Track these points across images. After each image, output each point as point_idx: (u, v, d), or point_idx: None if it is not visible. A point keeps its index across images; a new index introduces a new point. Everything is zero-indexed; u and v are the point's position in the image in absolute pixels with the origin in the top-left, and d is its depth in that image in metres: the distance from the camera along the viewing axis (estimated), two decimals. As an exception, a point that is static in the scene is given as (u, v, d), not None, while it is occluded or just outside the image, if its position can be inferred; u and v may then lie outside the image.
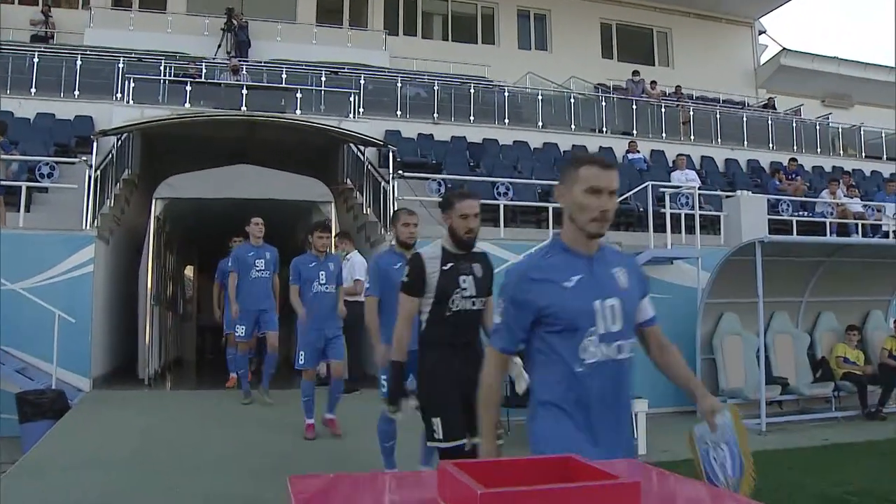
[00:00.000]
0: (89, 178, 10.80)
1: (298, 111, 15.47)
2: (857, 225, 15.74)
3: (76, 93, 15.84)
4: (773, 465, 8.18)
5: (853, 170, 20.03)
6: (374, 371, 11.49)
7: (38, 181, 11.75)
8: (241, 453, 6.95)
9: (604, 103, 19.84)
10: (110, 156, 12.31)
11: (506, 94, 18.68)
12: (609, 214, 2.85)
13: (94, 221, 10.77)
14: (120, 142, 13.01)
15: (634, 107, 19.95)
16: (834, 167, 20.51)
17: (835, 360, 12.11)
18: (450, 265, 4.45)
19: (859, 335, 12.33)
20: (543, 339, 2.82)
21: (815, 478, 7.46)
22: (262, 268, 9.23)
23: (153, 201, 10.90)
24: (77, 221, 10.70)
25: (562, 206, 2.92)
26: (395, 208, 11.61)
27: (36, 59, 15.93)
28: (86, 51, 17.34)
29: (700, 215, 12.96)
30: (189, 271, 19.24)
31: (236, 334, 9.43)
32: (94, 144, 11.26)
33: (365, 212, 13.23)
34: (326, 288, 7.68)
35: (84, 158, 11.33)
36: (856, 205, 16.22)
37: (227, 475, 6.19)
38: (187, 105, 15.17)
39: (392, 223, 6.05)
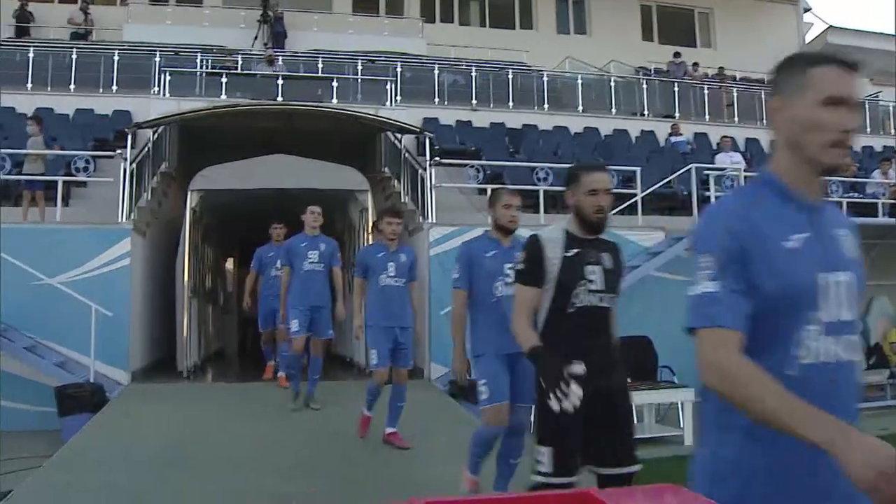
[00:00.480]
0: (124, 171, 10.75)
1: (335, 100, 15.34)
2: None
3: (114, 88, 15.88)
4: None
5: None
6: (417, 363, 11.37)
7: (74, 175, 11.74)
8: (275, 449, 6.82)
9: (645, 86, 19.41)
10: (147, 149, 12.28)
11: (545, 79, 18.38)
12: (851, 141, 1.94)
13: (130, 215, 10.74)
14: (156, 135, 12.98)
15: (676, 89, 19.51)
16: (885, 147, 19.85)
17: (889, 347, 11.72)
18: (574, 251, 3.69)
19: (915, 320, 11.89)
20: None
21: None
22: (317, 260, 8.22)
23: (188, 193, 10.84)
24: (114, 215, 10.68)
25: (776, 129, 2.00)
26: (433, 196, 11.47)
27: (74, 56, 16.02)
28: (123, 46, 17.40)
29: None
30: (230, 264, 19.23)
31: (291, 330, 8.20)
32: (130, 138, 11.20)
33: (403, 200, 13.05)
34: (396, 281, 6.86)
35: (119, 152, 11.30)
36: (909, 185, 15.62)
37: (258, 472, 6.06)
38: (223, 97, 15.11)
39: (490, 204, 5.22)
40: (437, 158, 12.17)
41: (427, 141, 12.08)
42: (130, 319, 10.22)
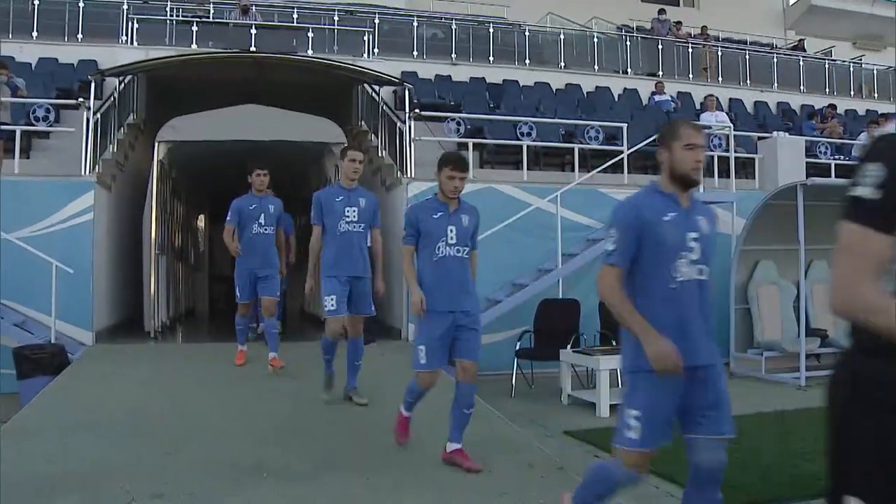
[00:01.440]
0: (88, 121, 10.21)
1: (310, 52, 14.81)
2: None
3: (79, 36, 15.20)
4: (820, 425, 7.60)
5: (887, 113, 19.15)
6: (393, 322, 11.03)
7: (34, 125, 11.18)
8: (247, 415, 6.46)
9: (628, 43, 19.00)
10: (112, 99, 11.71)
11: (526, 34, 17.92)
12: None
13: (94, 167, 10.22)
14: (123, 85, 12.39)
15: (660, 47, 19.11)
16: (868, 110, 19.69)
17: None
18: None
19: (903, 285, 11.66)
20: None
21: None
22: (356, 219, 6.62)
23: (156, 145, 10.31)
24: (77, 168, 10.16)
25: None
26: (412, 150, 11.06)
27: (37, 2, 15.25)
28: (89, -9, 16.65)
29: (729, 159, 12.25)
30: (201, 221, 18.70)
31: (326, 308, 6.61)
32: (93, 86, 10.63)
33: (380, 155, 12.62)
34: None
35: (83, 100, 10.74)
36: (896, 148, 15.37)
37: (231, 439, 5.70)
38: (194, 47, 14.55)
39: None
40: (416, 111, 11.73)
41: (406, 93, 11.61)
42: (94, 277, 9.77)
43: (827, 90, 20.22)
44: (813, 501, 5.24)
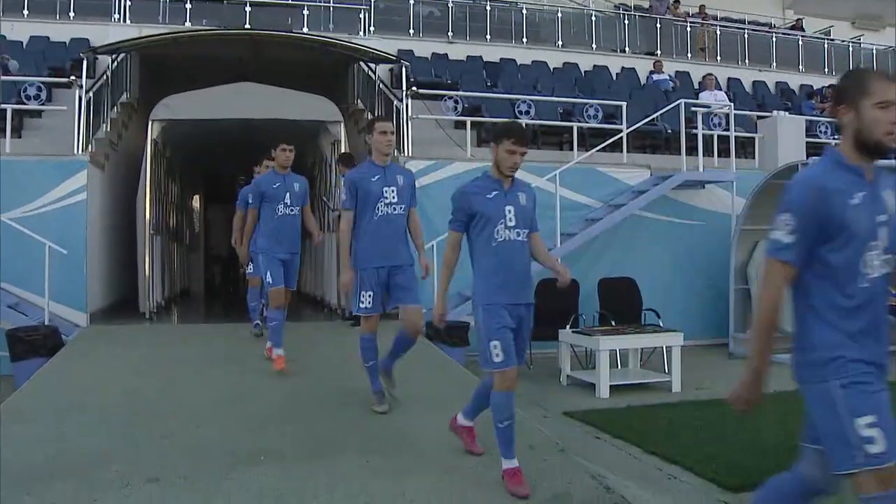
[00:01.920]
0: (80, 99, 10.06)
1: (305, 29, 14.63)
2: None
3: (71, 14, 14.98)
4: (822, 405, 7.58)
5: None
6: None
7: (25, 104, 11.02)
8: (243, 398, 6.37)
9: (626, 22, 18.82)
10: (105, 78, 11.55)
11: (524, 12, 17.70)
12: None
13: (87, 146, 10.08)
14: (116, 63, 12.23)
15: (659, 25, 18.94)
16: (868, 90, 19.52)
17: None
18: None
19: (903, 264, 11.58)
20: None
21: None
22: (396, 200, 5.91)
23: (149, 123, 10.17)
24: (70, 147, 10.02)
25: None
26: (409, 128, 10.94)
27: (29, -22, 15.03)
28: (81, -32, 16.40)
29: (729, 138, 12.14)
30: (196, 201, 18.57)
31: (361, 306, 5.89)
32: (85, 64, 10.46)
33: (378, 134, 12.47)
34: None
35: (75, 78, 10.58)
36: (896, 127, 15.27)
37: (227, 422, 5.62)
38: (188, 24, 14.37)
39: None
40: (414, 89, 11.60)
41: (403, 71, 11.47)
42: (88, 257, 9.67)
43: (826, 70, 20.07)
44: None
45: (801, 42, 20.43)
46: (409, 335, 5.83)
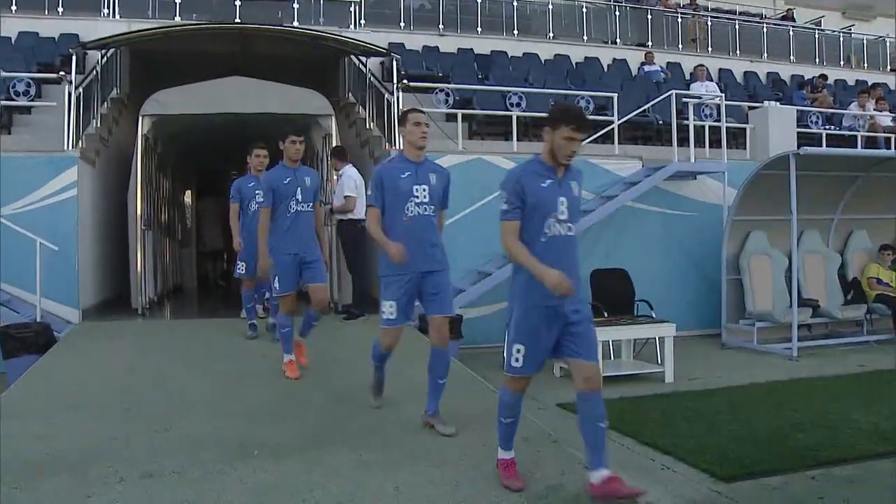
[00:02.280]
0: (70, 95, 10.02)
1: (296, 23, 14.59)
2: (885, 139, 14.93)
3: (60, 9, 14.91)
4: (813, 396, 7.62)
5: (876, 83, 19.08)
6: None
7: (14, 100, 10.97)
8: (236, 393, 6.37)
9: (617, 13, 18.80)
10: (94, 73, 11.49)
11: (514, 4, 17.67)
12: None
13: (77, 142, 10.03)
14: (105, 59, 12.16)
15: (650, 17, 18.93)
16: (857, 81, 19.64)
17: (867, 282, 11.50)
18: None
19: (894, 255, 11.66)
20: None
21: (861, 409, 6.87)
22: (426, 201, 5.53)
23: (140, 119, 10.11)
24: (60, 143, 9.97)
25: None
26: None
27: (17, -25, 14.95)
28: (69, -38, 16.30)
29: (720, 129, 12.16)
30: (188, 196, 18.49)
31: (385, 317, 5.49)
32: (75, 60, 10.41)
33: (368, 126, 12.46)
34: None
35: (64, 74, 10.53)
36: (886, 118, 15.36)
37: (221, 417, 5.62)
38: (177, 18, 14.32)
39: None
40: (405, 82, 11.57)
41: (394, 64, 11.44)
42: (79, 254, 9.63)
43: (817, 60, 20.11)
44: (808, 472, 5.24)
45: (791, 32, 20.45)
46: (435, 346, 5.42)
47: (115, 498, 4.15)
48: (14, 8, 14.77)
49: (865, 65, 21.03)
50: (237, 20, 13.96)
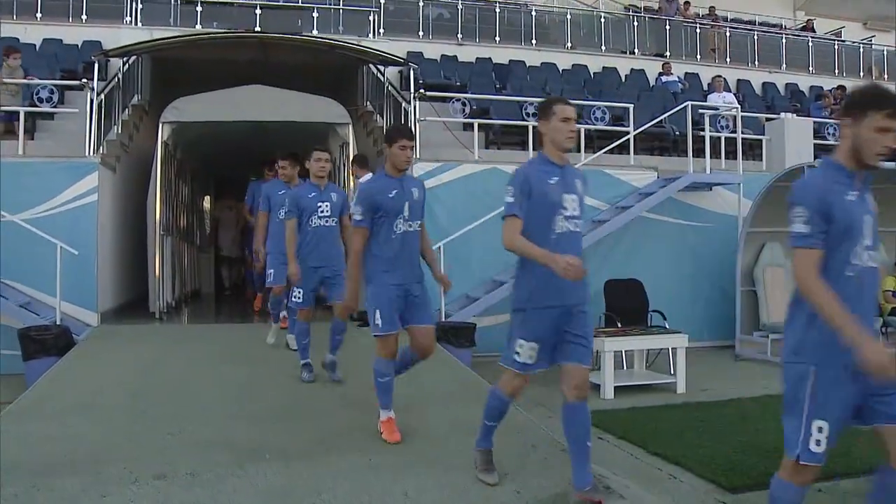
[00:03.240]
0: (91, 102, 10.19)
1: (315, 32, 14.73)
2: (905, 151, 14.85)
3: (84, 17, 15.11)
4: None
5: (897, 94, 19.02)
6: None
7: (38, 106, 11.15)
8: (249, 396, 6.46)
9: (636, 23, 18.84)
10: (116, 80, 11.67)
11: (533, 13, 17.75)
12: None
13: (98, 148, 10.21)
14: (127, 66, 12.35)
15: (668, 27, 18.95)
16: (879, 92, 19.49)
17: (883, 295, 11.43)
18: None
19: (910, 267, 11.62)
20: None
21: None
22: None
23: (160, 125, 10.28)
24: (81, 149, 10.15)
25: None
26: (417, 130, 11.01)
27: (41, -19, 15.17)
28: (93, -29, 16.54)
29: (736, 140, 12.18)
30: (206, 201, 18.68)
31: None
32: (97, 67, 10.59)
33: (386, 136, 12.55)
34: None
35: (86, 81, 10.70)
36: (904, 129, 15.27)
37: (233, 420, 5.71)
38: (198, 27, 14.50)
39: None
40: (422, 91, 11.67)
41: (411, 73, 11.55)
42: (98, 258, 9.78)
43: (836, 71, 20.04)
44: (815, 483, 5.24)
45: (811, 43, 20.39)
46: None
47: (130, 498, 4.22)
48: (39, 15, 14.98)
49: (886, 76, 20.93)
50: (257, 28, 14.11)
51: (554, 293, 4.13)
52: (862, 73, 20.60)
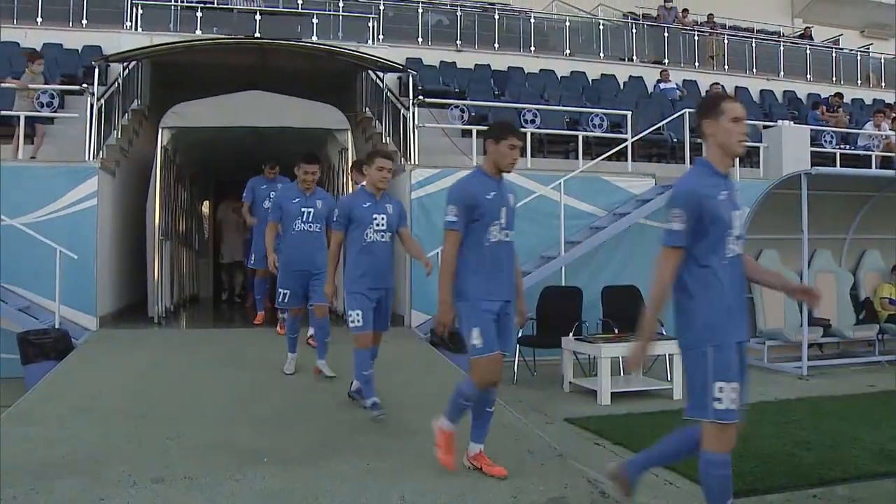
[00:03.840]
0: (92, 107, 10.23)
1: (315, 38, 14.78)
2: (902, 159, 14.96)
3: (84, 21, 15.18)
4: (822, 414, 7.65)
5: (892, 103, 19.13)
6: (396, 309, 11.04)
7: (38, 111, 11.18)
8: (246, 401, 6.49)
9: (634, 31, 18.93)
10: (116, 85, 11.71)
11: (532, 20, 17.84)
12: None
13: (98, 153, 10.25)
14: (127, 71, 12.39)
15: (666, 35, 19.04)
16: (875, 100, 19.64)
17: (879, 302, 11.51)
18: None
19: (906, 274, 11.68)
20: None
21: (868, 429, 6.90)
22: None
23: (160, 130, 10.30)
24: (81, 154, 10.20)
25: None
26: (416, 136, 11.07)
27: (41, -13, 15.22)
28: (94, -24, 16.59)
29: (739, 146, 12.23)
30: (206, 206, 18.69)
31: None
32: (97, 72, 10.64)
33: (385, 141, 12.61)
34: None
35: (87, 86, 10.75)
36: (902, 138, 15.39)
37: (231, 424, 5.74)
38: (198, 32, 14.53)
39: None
40: (420, 97, 11.72)
41: (410, 80, 11.60)
42: (97, 262, 9.81)
43: (834, 79, 20.13)
44: (811, 490, 5.28)
45: (808, 51, 20.48)
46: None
47: (128, 501, 4.25)
48: (39, 20, 15.05)
49: (883, 84, 21.02)
50: (257, 34, 14.16)
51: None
52: (860, 81, 20.72)
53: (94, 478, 4.55)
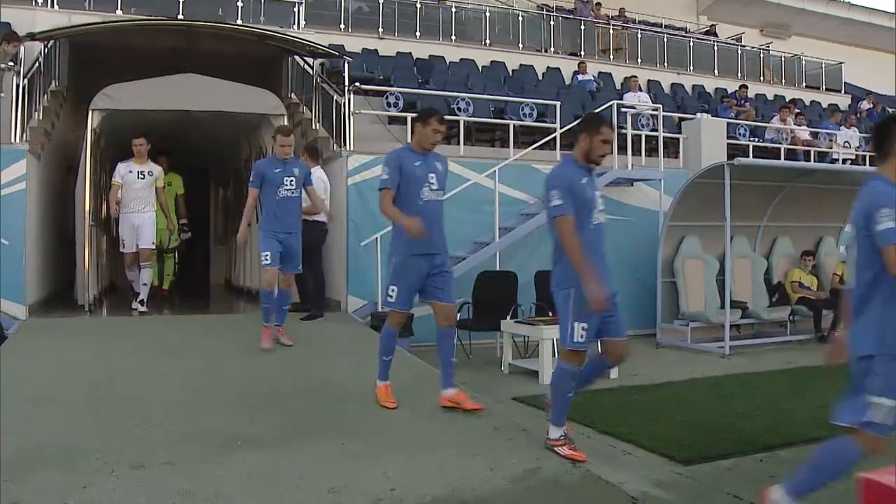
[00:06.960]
0: (18, 86, 9.85)
1: (239, 21, 14.56)
2: (805, 152, 15.79)
3: (-5, -2, 14.51)
4: (752, 388, 8.13)
5: (794, 99, 20.12)
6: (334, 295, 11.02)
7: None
8: (205, 386, 6.40)
9: (551, 22, 19.29)
10: (37, 65, 11.28)
11: (452, 9, 17.96)
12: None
13: (23, 135, 9.88)
14: (47, 49, 11.94)
15: (582, 27, 19.49)
16: (776, 96, 20.63)
17: (790, 285, 12.17)
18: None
19: (814, 260, 12.39)
20: None
21: (797, 400, 7.39)
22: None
23: (89, 113, 9.93)
24: (6, 135, 9.77)
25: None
26: (352, 123, 11.10)
27: (-55, -41, 14.49)
28: (1, -50, 15.88)
29: (655, 138, 12.71)
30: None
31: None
32: (23, 49, 10.26)
33: (314, 127, 12.56)
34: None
35: (12, 64, 10.35)
36: (804, 132, 16.25)
37: (195, 411, 5.70)
38: (118, 12, 14.10)
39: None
40: (357, 84, 11.73)
41: (345, 66, 11.61)
42: (27, 249, 9.49)
43: (738, 74, 20.97)
44: (756, 455, 5.65)
45: (715, 47, 21.28)
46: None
47: (113, 487, 4.20)
48: (-58, -5, 14.33)
49: (783, 81, 22.04)
50: (180, 16, 13.87)
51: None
52: (763, 77, 21.66)
53: (72, 467, 4.46)
